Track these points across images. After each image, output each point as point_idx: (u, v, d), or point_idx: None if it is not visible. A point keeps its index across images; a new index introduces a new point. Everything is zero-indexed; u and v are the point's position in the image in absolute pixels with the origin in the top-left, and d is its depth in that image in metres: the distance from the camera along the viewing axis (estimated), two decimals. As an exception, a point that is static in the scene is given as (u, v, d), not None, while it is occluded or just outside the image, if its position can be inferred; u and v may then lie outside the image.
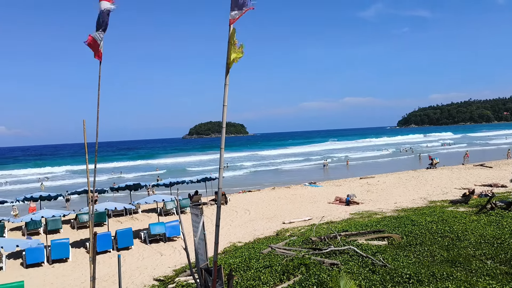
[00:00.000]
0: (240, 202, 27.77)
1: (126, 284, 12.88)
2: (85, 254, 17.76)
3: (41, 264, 16.52)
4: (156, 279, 13.27)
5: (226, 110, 6.75)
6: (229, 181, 39.70)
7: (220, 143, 6.76)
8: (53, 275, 15.23)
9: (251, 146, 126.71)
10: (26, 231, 21.54)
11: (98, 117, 6.45)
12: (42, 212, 18.24)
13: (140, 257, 16.87)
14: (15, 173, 66.78)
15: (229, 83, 6.66)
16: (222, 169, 6.95)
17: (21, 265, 16.57)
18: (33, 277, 14.82)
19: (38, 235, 21.34)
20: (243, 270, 11.52)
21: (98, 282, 11.97)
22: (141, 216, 25.45)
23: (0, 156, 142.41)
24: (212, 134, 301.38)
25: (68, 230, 22.46)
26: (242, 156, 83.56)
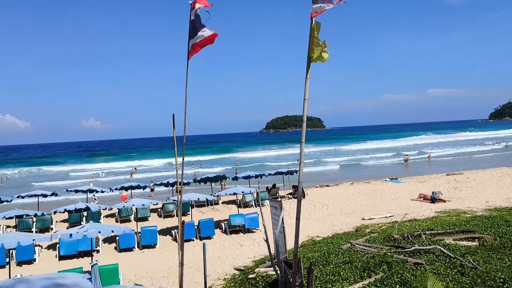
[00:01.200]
0: (317, 196, 27.58)
1: (209, 272, 13.45)
2: (171, 242, 18.86)
3: (132, 249, 17.86)
4: (236, 268, 13.70)
5: (307, 104, 6.74)
6: (306, 175, 39.58)
7: (301, 137, 6.79)
8: (143, 260, 16.40)
9: (329, 141, 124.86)
10: (119, 218, 23.40)
11: (186, 111, 6.79)
12: (133, 201, 19.68)
13: (221, 246, 17.52)
14: (109, 166, 72.53)
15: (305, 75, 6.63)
16: (303, 163, 6.96)
17: (115, 249, 18.05)
18: (126, 261, 16.07)
19: (129, 222, 23.07)
20: (322, 264, 11.47)
21: (184, 268, 12.67)
22: (221, 207, 26.36)
23: (97, 148, 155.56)
24: (288, 128, 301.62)
25: (155, 218, 23.97)
26: (321, 151, 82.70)
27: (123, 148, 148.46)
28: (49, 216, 21.72)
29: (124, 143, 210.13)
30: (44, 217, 21.32)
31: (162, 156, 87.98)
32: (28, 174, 64.81)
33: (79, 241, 16.32)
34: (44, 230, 21.66)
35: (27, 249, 16.06)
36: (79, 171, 64.69)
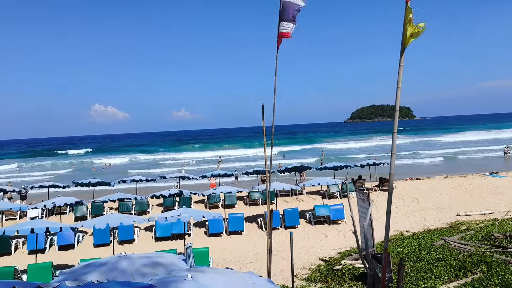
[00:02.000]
0: (407, 189, 26.34)
1: (294, 261, 13.59)
2: (256, 229, 19.36)
3: (221, 234, 18.66)
4: (321, 259, 13.67)
5: (400, 92, 6.46)
6: (395, 167, 37.83)
7: (393, 127, 6.53)
8: (231, 245, 17.06)
9: (419, 131, 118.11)
10: (208, 204, 24.55)
11: (275, 101, 6.89)
12: (221, 188, 20.50)
13: (305, 236, 17.58)
14: (198, 155, 76.13)
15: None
16: (394, 154, 6.70)
17: (205, 234, 19.00)
18: (214, 245, 16.84)
19: (217, 209, 24.11)
20: (412, 260, 11.00)
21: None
22: (306, 197, 26.38)
23: (187, 138, 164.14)
24: (375, 118, 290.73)
25: (241, 205, 24.74)
26: (411, 142, 78.59)
27: (211, 137, 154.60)
28: (146, 200, 23.51)
29: (212, 133, 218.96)
30: (142, 200, 23.13)
31: (247, 145, 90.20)
32: (127, 161, 70.36)
33: (173, 225, 17.44)
34: (141, 213, 23.51)
35: (128, 230, 17.60)
36: (171, 160, 68.79)
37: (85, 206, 22.68)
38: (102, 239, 17.48)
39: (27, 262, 14.46)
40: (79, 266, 7.63)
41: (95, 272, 6.99)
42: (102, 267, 7.22)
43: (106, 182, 26.67)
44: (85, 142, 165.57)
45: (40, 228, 12.58)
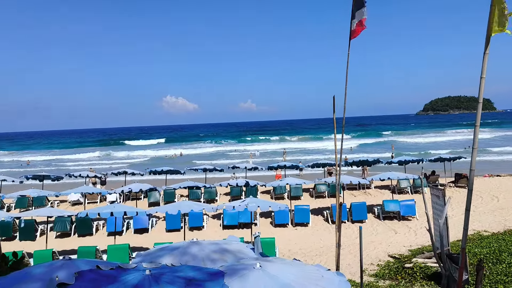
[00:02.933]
0: (485, 187, 24.60)
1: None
2: (322, 222, 19.19)
3: (286, 225, 18.74)
4: (391, 255, 13.24)
5: (484, 82, 6.02)
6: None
7: (475, 120, 6.11)
8: (296, 236, 17.08)
9: (502, 125, 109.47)
10: (273, 195, 24.74)
11: (346, 93, 6.74)
12: (287, 180, 20.55)
13: (373, 231, 17.12)
14: (264, 147, 76.87)
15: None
16: (476, 149, 6.27)
17: (270, 224, 19.19)
18: (280, 236, 16.96)
19: (282, 200, 24.21)
20: (492, 262, 10.30)
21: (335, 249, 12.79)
22: (374, 191, 25.62)
23: (253, 129, 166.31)
24: (450, 111, 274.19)
25: (307, 197, 24.63)
26: (492, 137, 73.18)
27: (277, 129, 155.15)
28: (215, 189, 24.23)
29: (278, 124, 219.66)
30: (211, 189, 23.88)
31: (313, 138, 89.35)
32: (196, 151, 72.78)
33: (240, 214, 17.82)
34: (210, 201, 24.28)
35: (197, 217, 18.28)
36: (238, 151, 70.09)
37: (158, 192, 23.88)
38: (174, 224, 18.31)
39: (106, 243, 15.58)
40: (154, 249, 8.06)
41: (168, 256, 7.36)
42: (175, 251, 7.58)
43: (177, 171, 27.90)
44: (157, 132, 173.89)
45: (119, 212, 13.48)
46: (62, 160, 62.98)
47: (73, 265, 5.50)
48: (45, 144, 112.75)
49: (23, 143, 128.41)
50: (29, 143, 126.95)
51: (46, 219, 16.91)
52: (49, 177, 26.90)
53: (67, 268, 5.41)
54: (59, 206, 24.61)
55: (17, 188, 27.01)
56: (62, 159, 64.43)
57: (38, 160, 64.21)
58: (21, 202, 23.64)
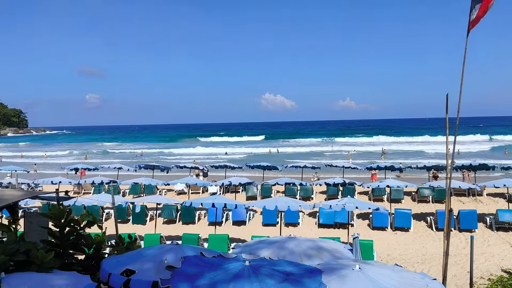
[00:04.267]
0: None
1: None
2: (425, 228, 18.04)
3: (385, 228, 17.98)
4: (504, 270, 12.00)
5: None
6: None
7: None
8: (395, 241, 16.31)
9: None
10: (372, 196, 23.87)
11: (461, 90, 6.23)
12: (388, 182, 19.68)
13: (484, 243, 15.63)
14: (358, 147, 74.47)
15: None
16: None
17: (368, 226, 18.57)
18: (378, 239, 16.34)
19: (381, 202, 23.24)
20: None
21: (439, 258, 11.94)
22: (486, 199, 23.33)
23: (353, 127, 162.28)
24: None
25: (408, 201, 23.32)
26: None
27: (377, 128, 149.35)
28: (311, 186, 24.16)
29: (378, 123, 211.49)
30: (307, 187, 23.87)
31: (414, 137, 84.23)
32: (292, 150, 73.07)
33: (337, 213, 17.53)
34: (305, 199, 24.27)
35: (293, 213, 18.42)
36: (334, 150, 68.93)
37: (256, 187, 24.54)
38: (270, 219, 18.69)
39: (206, 232, 16.48)
40: (252, 241, 8.32)
41: (266, 249, 7.52)
42: (272, 245, 7.73)
43: (274, 167, 28.37)
44: (258, 128, 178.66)
45: (220, 203, 14.14)
46: (169, 153, 67.89)
47: (180, 250, 5.91)
48: (153, 137, 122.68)
49: (134, 135, 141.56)
50: (140, 135, 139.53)
51: (155, 205, 18.41)
52: (158, 168, 29.24)
53: (174, 252, 5.84)
54: (166, 194, 26.61)
55: (131, 176, 29.83)
56: (169, 153, 69.41)
57: (148, 152, 70.06)
58: (134, 189, 26.08)
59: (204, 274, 4.60)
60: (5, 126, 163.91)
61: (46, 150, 73.43)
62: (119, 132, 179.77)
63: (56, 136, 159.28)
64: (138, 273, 5.35)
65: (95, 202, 16.30)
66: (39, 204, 20.53)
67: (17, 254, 5.04)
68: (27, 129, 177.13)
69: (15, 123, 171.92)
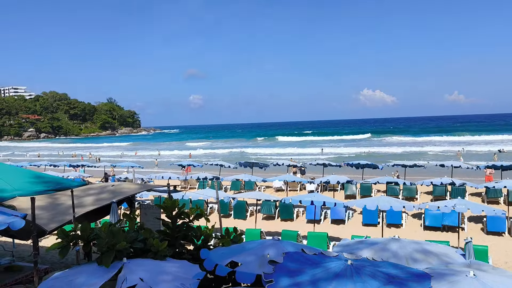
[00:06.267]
0: None
1: None
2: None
3: (502, 234, 16.29)
4: None
5: None
6: None
7: None
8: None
9: None
10: (485, 198, 21.76)
11: None
12: (505, 182, 17.80)
13: None
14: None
15: None
16: None
17: (481, 230, 16.99)
18: (494, 245, 14.82)
19: (497, 205, 21.07)
20: None
21: None
22: None
23: (462, 122, 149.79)
24: None
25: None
26: None
27: (486, 123, 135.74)
28: (415, 186, 22.83)
29: (491, 118, 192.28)
30: (410, 186, 22.61)
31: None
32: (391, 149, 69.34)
33: (445, 215, 16.31)
34: (409, 199, 22.97)
35: (396, 214, 17.58)
36: (440, 145, 64.20)
37: (355, 185, 23.92)
38: (371, 219, 18.08)
39: (305, 229, 16.49)
40: (353, 241, 8.13)
41: (367, 250, 7.31)
42: (374, 245, 7.49)
43: (374, 165, 27.36)
44: (360, 125, 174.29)
45: (319, 201, 14.08)
46: (265, 153, 69.28)
47: (281, 245, 6.03)
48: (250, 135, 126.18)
49: (234, 133, 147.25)
50: (240, 132, 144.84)
51: (255, 201, 18.95)
52: (257, 165, 30.04)
53: (275, 247, 5.98)
54: (265, 191, 27.23)
55: (232, 173, 31.09)
56: (266, 152, 70.81)
57: (246, 152, 72.09)
58: (235, 185, 27.16)
59: (305, 271, 4.64)
60: (121, 126, 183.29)
61: (158, 148, 79.57)
62: (221, 130, 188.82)
63: (163, 134, 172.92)
64: (242, 265, 5.58)
65: (201, 196, 17.32)
66: (152, 197, 22.41)
67: (136, 242, 5.59)
68: (139, 128, 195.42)
69: (130, 123, 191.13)
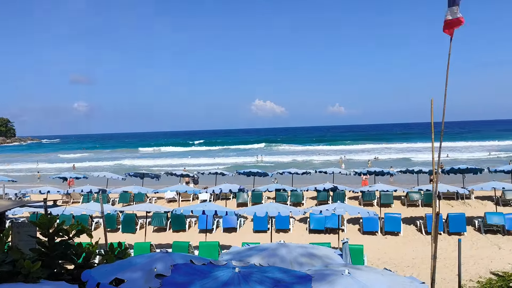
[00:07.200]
0: None
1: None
2: (415, 232, 18.18)
3: (375, 233, 18.08)
4: (493, 272, 12.13)
5: None
6: None
7: None
8: (386, 245, 16.41)
9: None
10: (362, 201, 24.00)
11: (446, 94, 6.34)
12: (377, 186, 19.83)
13: (473, 245, 15.80)
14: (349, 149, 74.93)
15: None
16: None
17: (358, 231, 18.66)
18: (369, 244, 16.39)
19: (371, 207, 23.36)
20: None
21: (429, 261, 12.03)
22: (474, 202, 23.60)
23: (341, 132, 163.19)
24: None
25: (398, 205, 23.47)
26: None
27: (363, 133, 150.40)
28: (301, 192, 24.21)
29: (366, 128, 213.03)
30: (297, 192, 23.92)
31: (402, 142, 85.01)
32: (280, 159, 73.19)
33: (327, 218, 17.59)
34: (296, 204, 24.29)
35: (284, 219, 18.43)
36: (324, 153, 69.28)
37: (246, 193, 24.50)
38: (261, 225, 18.68)
39: (197, 239, 16.39)
40: (242, 248, 8.30)
41: (257, 256, 7.52)
42: (263, 251, 7.73)
43: (265, 173, 28.38)
44: (252, 135, 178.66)
45: (210, 210, 14.12)
46: (156, 164, 67.53)
47: (170, 258, 5.88)
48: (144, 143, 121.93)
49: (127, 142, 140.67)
50: (127, 142, 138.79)
51: (145, 214, 18.30)
52: (148, 175, 29.06)
53: (164, 261, 5.81)
54: (156, 202, 26.45)
55: (120, 185, 29.59)
56: (170, 164, 69.01)
57: (133, 164, 69.49)
58: (124, 198, 25.88)
59: (193, 282, 4.59)
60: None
61: (36, 160, 72.41)
62: (107, 140, 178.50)
63: (41, 144, 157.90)
64: (128, 282, 5.30)
65: (84, 211, 16.15)
66: (27, 214, 20.26)
67: (2, 264, 4.97)
68: (14, 138, 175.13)
69: (2, 132, 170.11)
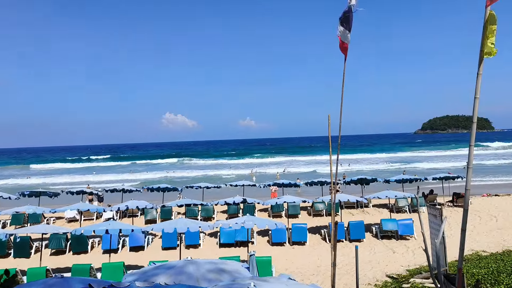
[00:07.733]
0: (484, 206, 24.53)
1: (359, 276, 13.18)
2: (320, 240, 19.06)
3: (283, 244, 18.58)
4: (388, 275, 13.11)
5: (478, 103, 6.08)
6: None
7: (469, 140, 6.16)
8: (293, 255, 16.93)
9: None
10: (271, 213, 24.60)
11: (342, 111, 6.79)
12: (285, 198, 20.46)
13: (371, 251, 16.98)
14: (260, 163, 76.82)
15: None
16: (471, 168, 6.30)
17: (268, 243, 19.03)
18: (277, 254, 16.81)
19: (280, 218, 24.07)
20: (490, 283, 10.18)
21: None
22: (372, 210, 25.52)
23: (252, 146, 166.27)
24: (448, 130, 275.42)
25: (304, 216, 24.50)
26: (487, 154, 73.43)
27: (275, 146, 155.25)
28: (212, 206, 24.10)
29: (276, 142, 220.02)
30: (208, 207, 23.77)
31: (309, 155, 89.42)
32: (190, 173, 72.66)
33: (237, 232, 17.68)
34: (207, 219, 24.12)
35: (194, 235, 18.13)
36: (236, 167, 70.03)
37: (155, 210, 23.72)
38: (170, 242, 18.16)
39: (101, 260, 15.39)
40: (148, 267, 7.97)
41: (163, 275, 7.26)
42: (170, 270, 7.49)
43: (174, 188, 27.79)
44: (160, 148, 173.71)
45: (114, 229, 13.37)
46: (54, 182, 62.75)
47: (66, 283, 5.43)
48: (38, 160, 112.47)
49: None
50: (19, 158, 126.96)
51: (41, 236, 16.75)
52: (45, 194, 26.75)
53: (59, 286, 5.35)
54: (55, 223, 24.43)
55: (13, 205, 26.81)
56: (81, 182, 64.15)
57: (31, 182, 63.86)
58: (16, 219, 23.47)
59: (91, 308, 4.28)
60: None
61: None
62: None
63: None
64: (13, 314, 4.79)
65: (-34, 236, 14.33)
66: None
67: None
68: None
69: None
